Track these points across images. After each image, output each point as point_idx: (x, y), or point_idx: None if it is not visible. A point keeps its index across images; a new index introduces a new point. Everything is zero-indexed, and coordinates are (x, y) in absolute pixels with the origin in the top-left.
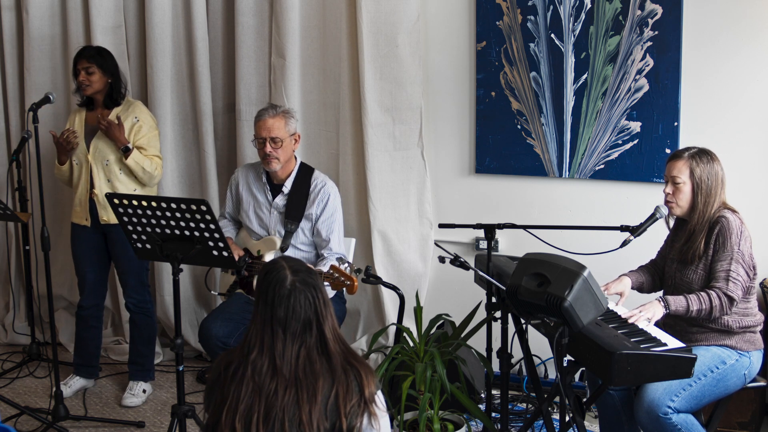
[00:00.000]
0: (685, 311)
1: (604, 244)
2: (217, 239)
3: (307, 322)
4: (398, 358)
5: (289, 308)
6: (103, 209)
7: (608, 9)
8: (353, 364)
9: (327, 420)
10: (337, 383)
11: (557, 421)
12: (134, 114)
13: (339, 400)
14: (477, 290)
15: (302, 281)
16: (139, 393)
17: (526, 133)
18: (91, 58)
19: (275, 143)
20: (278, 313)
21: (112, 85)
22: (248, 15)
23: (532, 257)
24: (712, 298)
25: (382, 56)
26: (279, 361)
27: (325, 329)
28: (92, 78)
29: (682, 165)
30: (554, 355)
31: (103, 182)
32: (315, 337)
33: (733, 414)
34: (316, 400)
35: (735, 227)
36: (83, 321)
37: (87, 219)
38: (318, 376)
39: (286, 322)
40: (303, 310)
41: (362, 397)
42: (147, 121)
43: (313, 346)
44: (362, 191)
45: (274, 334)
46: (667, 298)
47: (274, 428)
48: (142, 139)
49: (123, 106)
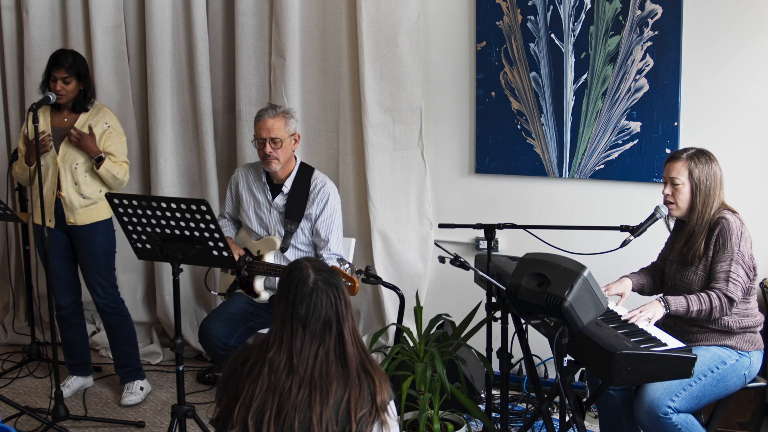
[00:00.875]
0: (685, 311)
1: (604, 244)
2: (217, 239)
3: (328, 321)
4: (398, 358)
5: (311, 306)
6: (70, 211)
7: (608, 9)
8: (368, 371)
9: (337, 425)
10: (351, 388)
11: (557, 421)
12: (104, 120)
13: (351, 405)
14: (477, 290)
15: (325, 280)
16: (137, 391)
17: (526, 133)
18: (70, 69)
19: (275, 144)
20: (299, 310)
21: (83, 91)
22: (248, 15)
23: (532, 257)
24: (712, 299)
25: (382, 56)
26: (296, 359)
27: (345, 330)
28: (68, 87)
29: (681, 166)
30: (554, 355)
31: (70, 184)
32: (334, 338)
33: (733, 414)
34: (328, 402)
35: (735, 228)
36: (65, 321)
37: (51, 220)
38: (332, 379)
39: (307, 320)
40: (324, 309)
41: (374, 404)
42: (117, 128)
43: (331, 347)
44: (362, 191)
45: (293, 331)
46: (667, 298)
47: (284, 427)
48: (111, 146)
49: (92, 112)
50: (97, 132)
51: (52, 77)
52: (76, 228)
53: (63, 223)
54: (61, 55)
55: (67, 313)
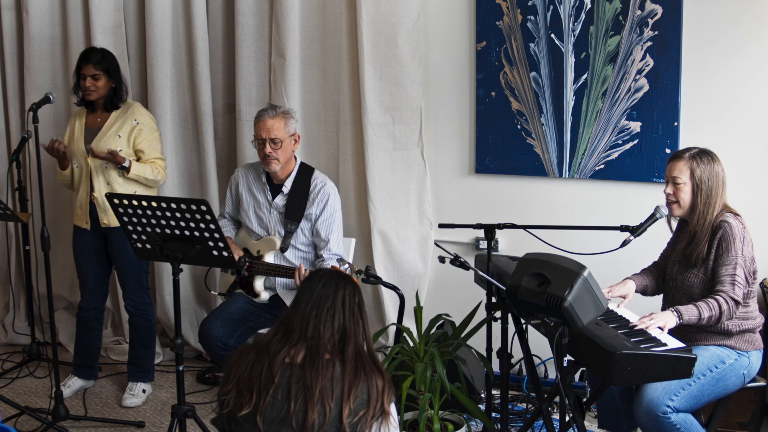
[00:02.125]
0: (697, 320)
1: (604, 244)
2: (217, 239)
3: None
4: (398, 358)
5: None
6: (103, 212)
7: (608, 9)
8: (376, 368)
9: (332, 398)
10: (349, 376)
11: (557, 421)
12: (133, 116)
13: (345, 392)
14: (477, 290)
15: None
16: (139, 393)
17: (526, 133)
18: (98, 65)
19: (275, 144)
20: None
21: (115, 89)
22: (248, 15)
23: (532, 257)
24: (721, 303)
25: (382, 56)
26: (293, 325)
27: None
28: (98, 84)
29: (683, 165)
30: (554, 355)
31: (103, 185)
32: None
33: (733, 414)
34: (326, 377)
35: (738, 232)
36: (84, 323)
37: (87, 222)
38: (330, 365)
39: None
40: (345, 307)
41: (371, 402)
42: (147, 124)
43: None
44: (362, 191)
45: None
46: (679, 309)
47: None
48: (142, 143)
49: (122, 109)
50: (126, 128)
51: (81, 75)
52: (110, 229)
53: (98, 225)
54: (89, 51)
55: (88, 316)
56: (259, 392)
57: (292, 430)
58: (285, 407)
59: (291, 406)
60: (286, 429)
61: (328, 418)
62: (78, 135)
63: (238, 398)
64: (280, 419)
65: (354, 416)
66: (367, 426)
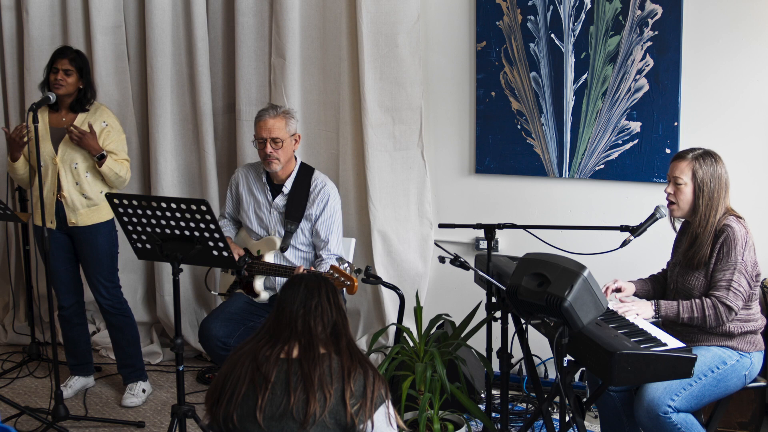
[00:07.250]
0: (675, 317)
1: (604, 244)
2: (217, 239)
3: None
4: (398, 358)
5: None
6: (72, 212)
7: (608, 9)
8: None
9: (332, 384)
10: (348, 368)
11: (557, 421)
12: (102, 118)
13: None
14: (477, 290)
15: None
16: (139, 393)
17: (526, 133)
18: (72, 61)
19: (276, 144)
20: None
21: (83, 90)
22: (248, 15)
23: (532, 257)
24: (706, 308)
25: (382, 56)
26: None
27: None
28: (68, 79)
29: (685, 166)
30: (554, 355)
31: (71, 184)
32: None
33: (734, 414)
34: (324, 366)
35: (740, 237)
36: (67, 321)
37: (53, 221)
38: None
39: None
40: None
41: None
42: (115, 126)
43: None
44: (362, 191)
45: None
46: (659, 302)
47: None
48: (112, 144)
49: (90, 111)
50: (95, 130)
51: (53, 69)
52: (78, 229)
53: (64, 224)
54: (65, 47)
55: (69, 314)
56: (232, 392)
57: (293, 422)
58: (285, 401)
59: (291, 399)
60: (287, 422)
61: (329, 405)
62: (44, 133)
63: (225, 405)
64: (281, 413)
65: (356, 401)
66: (367, 415)
